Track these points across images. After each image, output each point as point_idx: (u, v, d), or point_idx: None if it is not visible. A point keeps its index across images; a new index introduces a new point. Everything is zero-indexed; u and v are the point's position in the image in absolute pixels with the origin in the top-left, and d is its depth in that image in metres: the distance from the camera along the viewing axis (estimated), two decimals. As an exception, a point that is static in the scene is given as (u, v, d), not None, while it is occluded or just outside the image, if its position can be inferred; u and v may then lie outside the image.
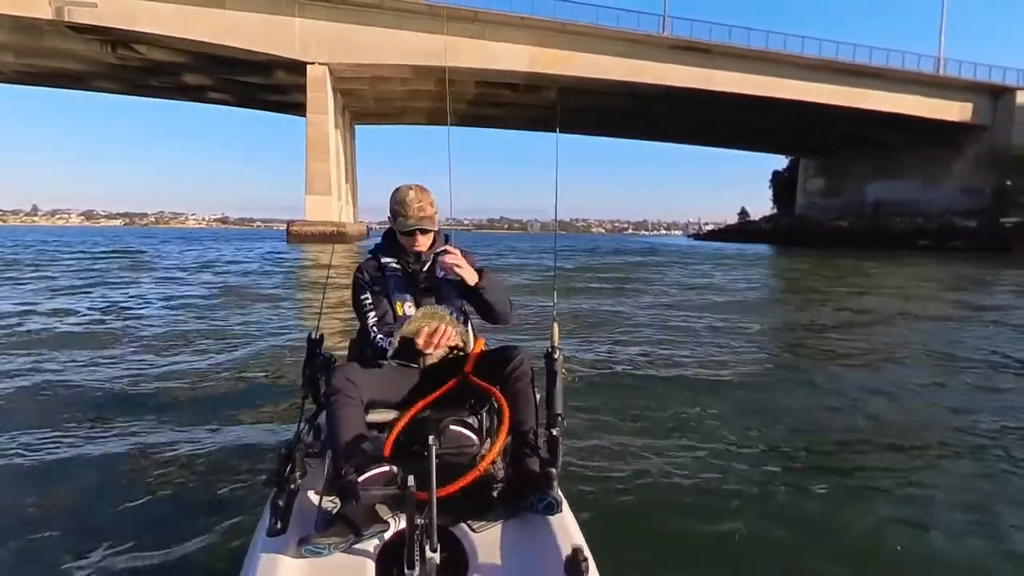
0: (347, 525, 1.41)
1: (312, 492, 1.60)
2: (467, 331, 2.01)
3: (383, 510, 1.51)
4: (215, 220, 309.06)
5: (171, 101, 47.35)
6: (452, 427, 1.59)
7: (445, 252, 1.84)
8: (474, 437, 1.63)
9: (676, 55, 36.81)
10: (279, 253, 24.26)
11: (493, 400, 1.72)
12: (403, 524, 1.37)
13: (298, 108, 39.61)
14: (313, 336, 2.00)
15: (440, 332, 1.69)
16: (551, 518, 1.50)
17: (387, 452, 1.60)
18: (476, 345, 1.96)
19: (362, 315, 1.88)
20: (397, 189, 1.89)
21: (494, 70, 34.77)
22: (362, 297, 1.89)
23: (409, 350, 1.75)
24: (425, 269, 1.93)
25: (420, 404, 1.72)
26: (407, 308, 1.88)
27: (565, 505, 1.55)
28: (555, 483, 1.56)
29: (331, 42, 32.10)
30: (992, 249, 32.98)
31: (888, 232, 41.08)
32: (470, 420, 1.68)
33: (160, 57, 33.67)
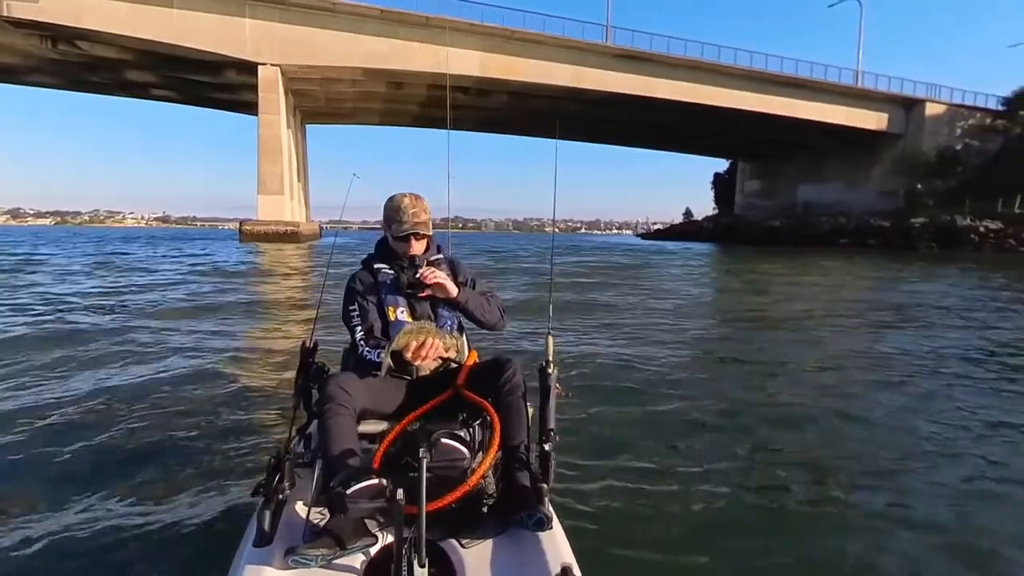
0: (335, 537, 1.40)
1: (301, 503, 1.60)
2: (462, 341, 1.98)
3: (372, 523, 1.51)
4: (155, 219, 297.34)
5: (109, 97, 46.03)
6: (443, 440, 1.57)
7: (426, 266, 1.88)
8: (465, 450, 1.61)
9: (620, 63, 38.73)
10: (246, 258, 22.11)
11: (485, 413, 1.71)
12: (392, 538, 1.36)
13: (248, 107, 39.57)
14: (307, 344, 1.98)
15: (428, 345, 1.72)
16: (541, 534, 1.49)
17: (377, 464, 1.59)
18: (469, 357, 1.94)
19: (349, 327, 1.91)
20: (392, 197, 1.93)
21: (443, 73, 35.68)
22: (351, 308, 1.91)
23: (400, 361, 1.76)
24: (418, 275, 1.94)
25: (412, 416, 1.72)
26: (400, 313, 1.90)
27: (556, 522, 1.53)
28: (546, 499, 1.56)
29: (283, 44, 32.41)
30: (900, 246, 36.34)
31: (814, 231, 44.24)
32: (461, 433, 1.65)
33: (104, 54, 33.06)
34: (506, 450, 1.68)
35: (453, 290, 1.85)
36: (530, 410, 1.78)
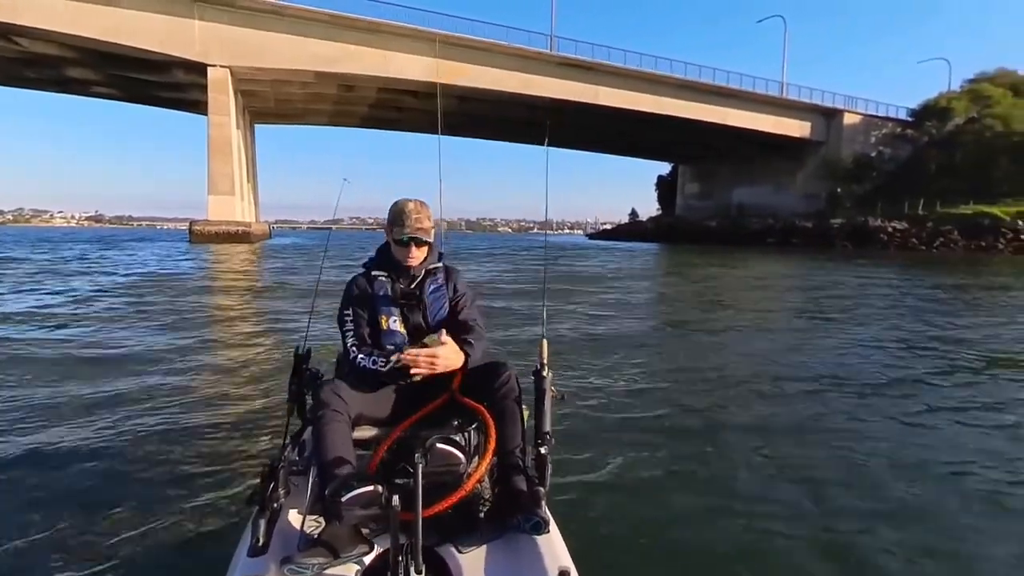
0: (330, 545, 1.40)
1: (295, 511, 1.59)
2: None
3: (368, 530, 1.50)
4: (87, 218, 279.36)
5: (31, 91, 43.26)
6: (438, 445, 1.56)
7: (425, 352, 1.77)
8: (460, 455, 1.60)
9: (564, 71, 40.59)
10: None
11: (480, 418, 1.70)
12: (388, 545, 1.36)
13: (195, 105, 39.44)
14: (300, 350, 1.98)
15: (439, 366, 1.74)
16: (539, 538, 1.49)
17: (372, 470, 1.60)
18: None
19: (342, 331, 1.91)
20: (396, 201, 1.93)
21: (394, 78, 36.66)
22: (345, 313, 1.92)
23: (395, 369, 1.77)
24: (413, 285, 1.94)
25: (407, 422, 1.72)
26: (392, 323, 1.89)
27: (553, 525, 1.54)
28: (543, 502, 1.57)
29: (232, 45, 32.55)
30: (820, 244, 39.69)
31: (745, 231, 47.42)
32: (457, 438, 1.65)
33: (43, 51, 32.27)
34: (502, 454, 1.68)
35: (456, 361, 1.80)
36: (525, 414, 1.80)
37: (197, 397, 4.18)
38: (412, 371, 1.73)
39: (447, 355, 1.76)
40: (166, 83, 37.43)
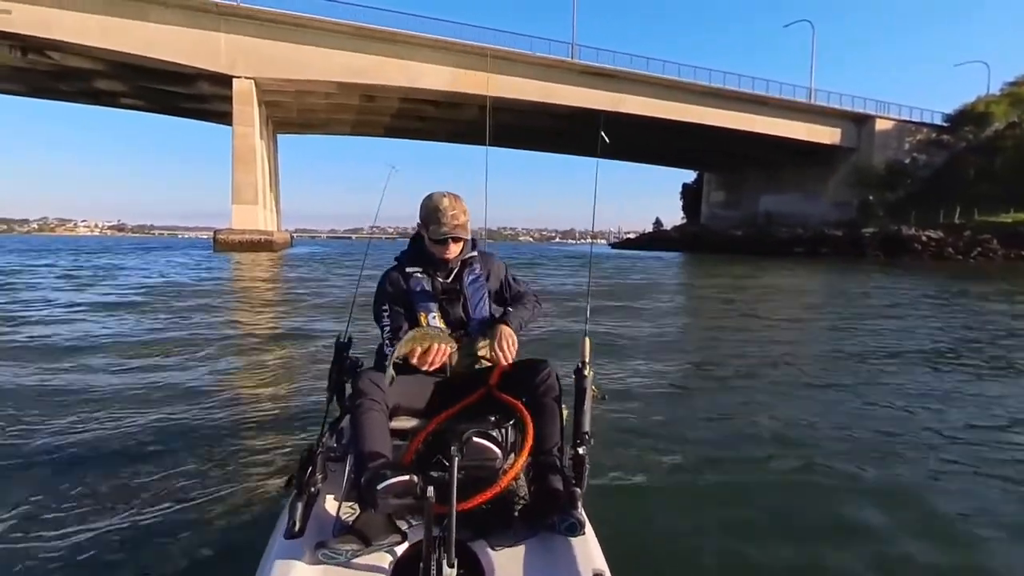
0: (364, 533, 1.41)
1: (331, 497, 1.61)
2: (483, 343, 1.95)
3: (402, 520, 1.50)
4: (110, 227, 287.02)
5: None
6: (475, 439, 1.54)
7: (500, 341, 1.82)
8: (497, 451, 1.59)
9: (586, 79, 40.26)
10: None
11: (518, 414, 1.70)
12: (421, 536, 1.35)
13: (219, 116, 40.09)
14: (341, 339, 2.00)
15: (433, 351, 1.70)
16: (574, 540, 1.46)
17: (408, 461, 1.61)
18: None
19: (380, 327, 1.91)
20: (430, 196, 1.89)
21: (417, 88, 36.80)
22: (382, 308, 1.91)
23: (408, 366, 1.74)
24: (452, 278, 1.92)
25: (444, 415, 1.73)
26: (431, 318, 1.88)
27: (589, 527, 1.51)
28: (579, 503, 1.54)
29: (258, 57, 33.04)
30: (851, 254, 38.43)
31: (773, 240, 46.24)
32: (494, 433, 1.63)
33: (75, 64, 33.21)
34: (539, 453, 1.68)
35: (512, 341, 1.84)
36: (564, 412, 1.79)
37: (239, 390, 4.38)
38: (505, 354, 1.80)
39: (510, 336, 1.83)
40: (192, 94, 38.14)
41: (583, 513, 1.52)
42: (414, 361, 1.71)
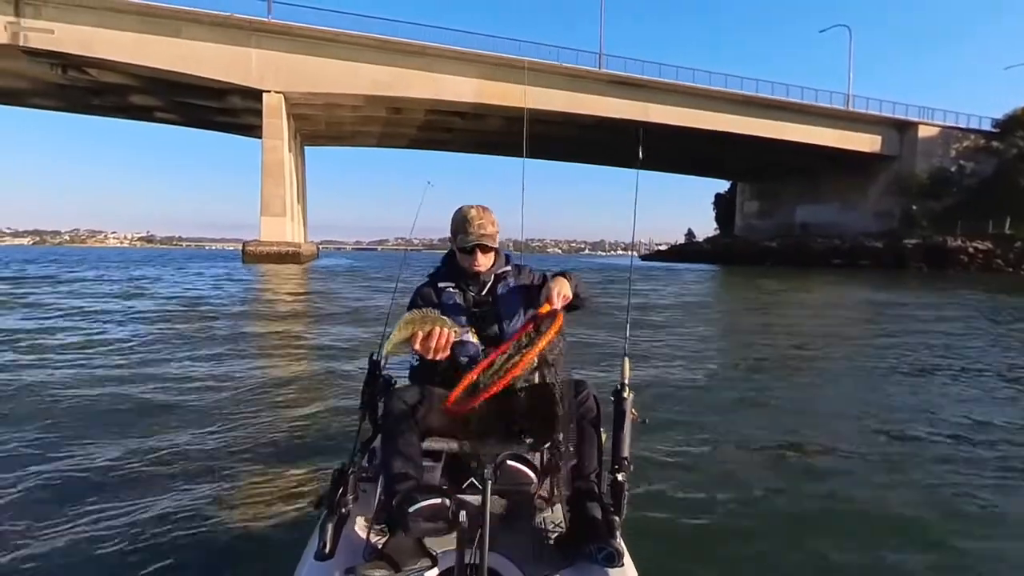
0: (394, 558, 1.38)
1: (362, 518, 1.58)
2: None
3: (433, 544, 1.46)
4: (139, 239, 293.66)
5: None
6: (509, 463, 1.51)
7: (553, 285, 1.74)
8: (532, 475, 1.54)
9: (614, 89, 39.70)
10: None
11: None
12: (452, 562, 1.32)
13: (249, 129, 40.95)
14: (375, 357, 1.93)
15: (436, 335, 1.62)
16: (611, 570, 1.41)
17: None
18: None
19: None
20: (459, 208, 1.88)
21: (444, 100, 36.86)
22: None
23: (450, 378, 1.66)
24: (485, 292, 1.89)
25: (493, 355, 1.64)
26: (465, 334, 1.83)
27: (627, 557, 1.45)
28: (618, 532, 1.49)
29: (287, 72, 33.59)
30: (892, 266, 36.73)
31: (809, 251, 44.67)
32: (529, 456, 1.59)
33: (111, 80, 34.28)
34: (577, 479, 1.62)
35: (566, 297, 1.74)
36: (603, 436, 1.71)
37: (273, 399, 4.50)
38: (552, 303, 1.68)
39: (564, 285, 1.74)
40: (223, 108, 39.00)
41: (622, 543, 1.47)
42: (416, 347, 1.63)
